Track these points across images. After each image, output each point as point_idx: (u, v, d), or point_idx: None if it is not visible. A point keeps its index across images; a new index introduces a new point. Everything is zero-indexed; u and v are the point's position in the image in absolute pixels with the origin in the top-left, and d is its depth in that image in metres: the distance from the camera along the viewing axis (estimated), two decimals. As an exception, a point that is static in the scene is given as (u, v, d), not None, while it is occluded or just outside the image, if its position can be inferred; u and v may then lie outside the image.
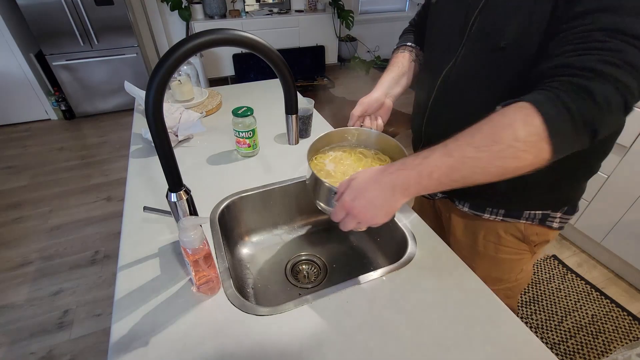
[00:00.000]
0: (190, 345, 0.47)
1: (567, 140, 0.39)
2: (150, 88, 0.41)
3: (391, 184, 0.44)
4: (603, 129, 0.38)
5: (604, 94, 0.37)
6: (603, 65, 0.37)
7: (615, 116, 0.38)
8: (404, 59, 0.75)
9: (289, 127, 0.55)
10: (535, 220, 0.64)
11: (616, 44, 0.37)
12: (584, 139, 0.39)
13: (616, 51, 0.37)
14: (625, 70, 0.36)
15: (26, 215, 1.83)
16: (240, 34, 0.42)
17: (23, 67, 2.50)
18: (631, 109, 0.39)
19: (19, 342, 1.24)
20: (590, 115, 0.37)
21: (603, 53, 0.37)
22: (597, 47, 0.38)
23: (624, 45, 0.36)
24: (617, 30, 0.37)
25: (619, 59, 0.37)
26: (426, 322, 0.50)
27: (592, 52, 0.38)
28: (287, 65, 0.45)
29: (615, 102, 0.37)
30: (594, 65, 0.37)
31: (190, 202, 0.54)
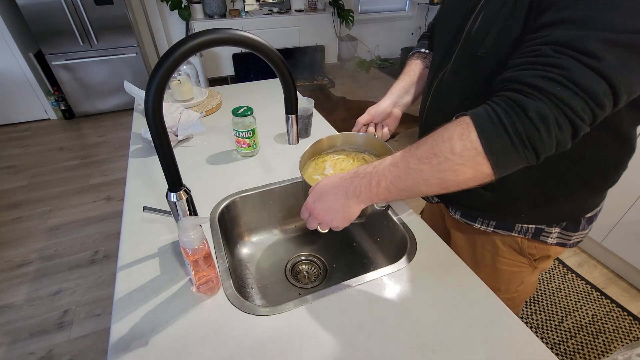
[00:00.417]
0: (190, 345, 0.47)
1: (506, 156, 0.38)
2: (149, 88, 0.41)
3: (345, 190, 0.48)
4: (542, 149, 0.37)
5: (538, 111, 0.35)
6: (542, 81, 0.36)
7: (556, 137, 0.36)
8: (416, 66, 0.74)
9: (289, 127, 0.55)
10: (529, 235, 0.61)
11: (562, 60, 0.35)
12: (528, 156, 0.37)
13: (560, 67, 0.35)
14: (566, 88, 0.35)
15: (26, 215, 1.83)
16: (240, 33, 0.42)
17: (22, 66, 2.50)
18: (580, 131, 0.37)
19: (19, 342, 1.24)
20: (524, 131, 0.36)
21: (546, 68, 0.36)
22: (542, 62, 0.36)
23: (571, 61, 0.34)
24: (567, 44, 0.35)
25: (561, 75, 0.35)
26: (426, 322, 0.50)
27: (536, 67, 0.36)
28: (286, 64, 0.46)
29: (551, 120, 0.35)
30: (533, 80, 0.36)
31: (189, 202, 0.54)
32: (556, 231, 0.60)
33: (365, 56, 3.94)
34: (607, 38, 0.34)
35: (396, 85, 0.74)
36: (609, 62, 0.34)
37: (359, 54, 3.83)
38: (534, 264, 0.66)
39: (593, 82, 0.34)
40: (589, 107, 0.35)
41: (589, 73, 0.34)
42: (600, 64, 0.34)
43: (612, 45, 0.34)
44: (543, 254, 0.64)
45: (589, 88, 0.34)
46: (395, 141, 2.40)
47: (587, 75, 0.34)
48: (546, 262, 0.66)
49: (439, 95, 0.60)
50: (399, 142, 2.40)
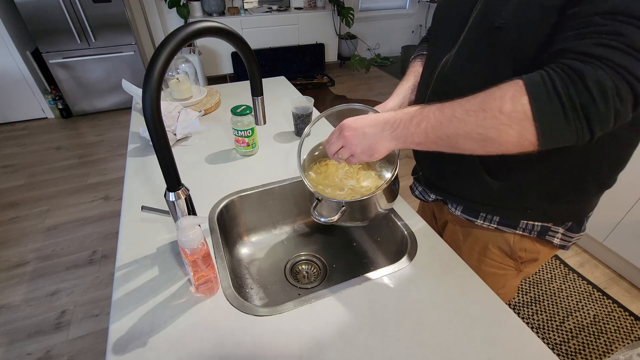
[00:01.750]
0: (189, 345, 0.46)
1: (556, 126, 0.36)
2: (146, 86, 0.40)
3: (384, 120, 0.47)
4: (597, 120, 0.35)
5: (596, 79, 0.34)
6: (600, 49, 0.35)
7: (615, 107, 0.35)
8: (420, 68, 0.72)
9: (256, 109, 0.60)
10: (534, 233, 0.59)
11: (616, 26, 0.34)
12: (579, 129, 0.36)
13: (615, 34, 0.34)
14: (627, 55, 0.34)
15: (23, 214, 1.82)
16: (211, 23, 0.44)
17: (19, 65, 2.48)
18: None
19: (16, 342, 1.23)
20: (580, 100, 0.35)
21: (601, 36, 0.35)
22: (595, 31, 0.35)
23: (625, 26, 0.34)
24: (617, 12, 0.34)
25: (618, 41, 0.34)
26: (427, 322, 0.49)
27: (591, 36, 0.36)
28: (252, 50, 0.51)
29: (610, 89, 0.34)
30: (590, 49, 0.35)
31: (188, 201, 0.54)
32: (561, 231, 0.58)
33: (365, 54, 3.93)
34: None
35: (402, 85, 0.72)
36: None
37: (359, 52, 3.82)
38: (519, 267, 0.65)
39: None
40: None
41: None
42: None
43: None
44: (531, 257, 0.63)
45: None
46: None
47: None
48: (532, 266, 0.65)
49: (444, 81, 0.57)
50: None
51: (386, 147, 0.48)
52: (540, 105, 0.36)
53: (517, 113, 0.37)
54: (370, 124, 0.48)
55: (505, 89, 0.38)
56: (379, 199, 0.57)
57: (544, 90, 0.36)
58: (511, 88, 0.38)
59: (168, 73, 1.10)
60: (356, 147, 0.49)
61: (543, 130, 0.37)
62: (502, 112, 0.38)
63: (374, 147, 0.48)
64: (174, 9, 2.91)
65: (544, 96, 0.36)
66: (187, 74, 1.14)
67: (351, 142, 0.50)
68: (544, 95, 0.36)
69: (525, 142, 0.38)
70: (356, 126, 0.49)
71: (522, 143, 0.38)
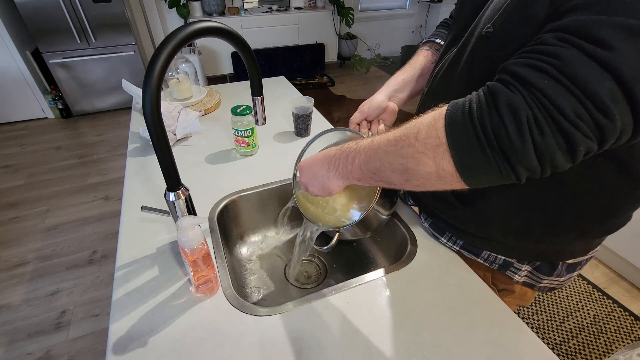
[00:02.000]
0: (189, 346, 0.46)
1: (472, 156, 0.31)
2: (146, 86, 0.40)
3: (328, 162, 0.46)
4: (512, 153, 0.29)
5: (509, 103, 0.29)
6: (527, 70, 0.29)
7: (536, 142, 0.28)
8: (425, 59, 0.66)
9: (256, 109, 0.60)
10: (495, 265, 0.55)
11: (560, 49, 0.28)
12: (499, 164, 0.30)
13: (552, 56, 0.28)
14: (554, 81, 0.28)
15: (23, 214, 1.81)
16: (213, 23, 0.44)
17: (19, 64, 2.48)
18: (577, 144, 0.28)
19: (16, 342, 1.23)
20: (491, 126, 0.29)
21: (538, 56, 0.29)
22: (536, 50, 0.30)
23: (566, 49, 0.28)
24: (575, 31, 0.28)
25: (552, 65, 0.28)
26: (427, 323, 0.49)
27: (529, 55, 0.30)
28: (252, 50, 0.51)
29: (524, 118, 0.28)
30: (518, 69, 0.30)
31: (188, 201, 0.54)
32: (526, 269, 0.54)
33: (365, 54, 3.93)
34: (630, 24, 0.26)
35: (395, 77, 0.68)
36: (624, 53, 0.26)
37: (359, 52, 3.82)
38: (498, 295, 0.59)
39: (593, 76, 0.27)
40: (587, 111, 0.27)
41: (590, 64, 0.27)
42: (609, 55, 0.26)
43: (633, 33, 0.26)
44: (506, 287, 0.58)
45: (585, 83, 0.27)
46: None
47: (586, 67, 0.27)
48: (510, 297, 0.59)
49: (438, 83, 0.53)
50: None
51: (337, 185, 0.46)
52: (454, 129, 0.32)
53: (432, 139, 0.33)
54: (318, 165, 0.47)
55: (427, 115, 0.35)
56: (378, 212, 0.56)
57: (461, 112, 0.32)
58: (433, 112, 0.35)
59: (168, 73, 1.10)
60: (313, 188, 0.49)
61: (461, 161, 0.32)
62: (417, 138, 0.34)
63: (327, 187, 0.47)
64: (174, 9, 2.91)
65: (459, 119, 0.32)
66: (187, 74, 1.14)
67: (307, 184, 0.50)
68: (460, 117, 0.32)
69: (446, 175, 0.33)
70: (306, 169, 0.50)
71: (442, 175, 0.34)
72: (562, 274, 0.54)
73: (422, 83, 0.67)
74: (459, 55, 0.47)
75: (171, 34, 0.41)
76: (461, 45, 0.48)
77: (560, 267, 0.53)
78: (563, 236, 0.48)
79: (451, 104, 0.34)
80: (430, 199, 0.59)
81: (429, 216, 0.62)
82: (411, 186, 0.38)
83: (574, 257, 0.52)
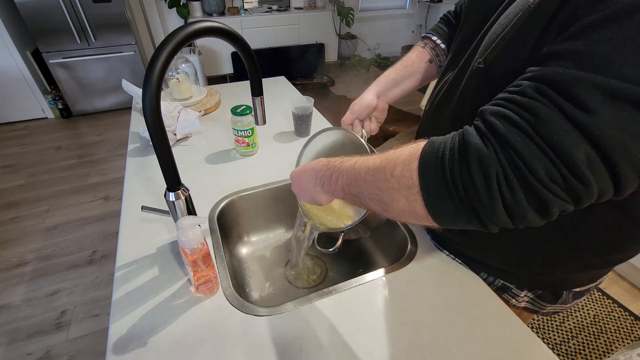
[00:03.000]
0: (189, 345, 0.46)
1: (442, 203, 0.30)
2: (146, 86, 0.40)
3: (315, 176, 0.45)
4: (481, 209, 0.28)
5: (479, 156, 0.28)
6: (501, 123, 0.28)
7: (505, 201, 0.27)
8: (417, 57, 0.65)
9: (256, 109, 0.60)
10: (493, 287, 0.54)
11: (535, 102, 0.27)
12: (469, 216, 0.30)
13: (528, 111, 0.27)
14: (528, 139, 0.26)
15: (23, 214, 1.81)
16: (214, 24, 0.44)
17: (19, 64, 2.48)
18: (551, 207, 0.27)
19: (16, 342, 1.23)
20: (460, 177, 0.29)
21: (515, 108, 0.28)
22: (513, 100, 0.29)
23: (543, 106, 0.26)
24: (554, 84, 0.27)
25: (527, 122, 0.27)
26: (427, 323, 0.49)
27: (506, 105, 0.29)
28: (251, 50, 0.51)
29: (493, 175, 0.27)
30: (493, 118, 0.29)
31: (188, 201, 0.54)
32: (528, 295, 0.53)
33: (365, 54, 3.93)
34: (611, 87, 0.24)
35: (385, 75, 0.67)
36: (604, 118, 0.25)
37: (359, 52, 3.82)
38: None
39: (570, 140, 0.25)
40: (561, 175, 0.26)
41: (567, 127, 0.25)
42: (588, 119, 0.25)
43: (614, 97, 0.24)
44: None
45: (561, 147, 0.25)
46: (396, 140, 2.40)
47: (562, 129, 0.25)
48: None
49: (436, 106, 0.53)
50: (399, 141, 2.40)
51: (325, 199, 0.45)
52: (426, 173, 0.31)
53: (405, 178, 0.32)
54: (306, 178, 0.47)
55: (405, 149, 0.34)
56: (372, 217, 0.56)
57: (434, 157, 0.31)
58: (409, 149, 0.34)
59: (168, 73, 1.10)
60: (304, 199, 0.49)
61: (431, 205, 0.31)
62: (392, 175, 0.33)
63: (316, 200, 0.46)
64: (174, 9, 2.91)
65: (432, 164, 0.31)
66: (187, 74, 1.14)
67: (299, 195, 0.50)
68: (432, 162, 0.31)
69: (419, 215, 0.33)
70: (296, 180, 0.49)
71: (415, 215, 0.33)
72: (568, 302, 0.52)
73: (412, 81, 0.67)
74: (455, 83, 0.47)
75: (171, 34, 0.41)
76: (458, 71, 0.47)
77: (565, 295, 0.51)
78: (564, 267, 0.47)
79: (428, 143, 0.33)
80: None
81: (429, 232, 0.63)
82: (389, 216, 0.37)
83: (579, 286, 0.50)
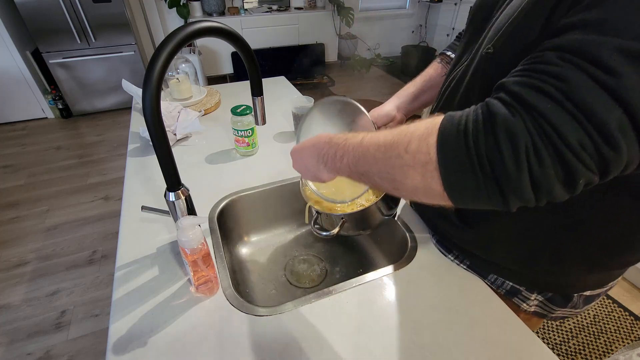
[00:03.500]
0: (189, 346, 0.46)
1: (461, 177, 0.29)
2: (146, 86, 0.40)
3: (317, 154, 0.43)
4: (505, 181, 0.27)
5: (508, 126, 0.27)
6: (530, 92, 0.27)
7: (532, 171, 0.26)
8: (434, 71, 0.67)
9: (256, 109, 0.61)
10: (502, 290, 0.53)
11: (564, 69, 0.26)
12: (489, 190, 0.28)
13: (558, 78, 0.26)
14: (558, 106, 0.26)
15: (23, 214, 1.81)
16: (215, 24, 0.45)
17: (19, 65, 2.48)
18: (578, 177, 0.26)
19: (16, 342, 1.23)
20: (486, 148, 0.27)
21: (541, 77, 0.27)
22: (539, 70, 0.28)
23: (574, 71, 0.26)
24: (576, 51, 0.26)
25: (557, 88, 0.26)
26: (427, 323, 0.49)
27: (531, 74, 0.28)
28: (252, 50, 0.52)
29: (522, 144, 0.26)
30: (520, 89, 0.28)
31: (188, 201, 0.54)
32: (537, 298, 0.51)
33: (365, 54, 3.93)
34: (632, 48, 0.24)
35: (405, 89, 0.69)
36: (631, 80, 0.24)
37: (359, 52, 3.82)
38: None
39: (602, 104, 0.25)
40: (592, 142, 0.25)
41: (597, 91, 0.25)
42: (616, 82, 0.24)
43: (635, 58, 0.24)
44: None
45: (593, 112, 0.25)
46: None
47: (593, 94, 0.25)
48: None
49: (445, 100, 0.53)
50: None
51: (328, 176, 0.44)
52: (446, 148, 0.29)
53: (422, 154, 0.31)
54: (308, 156, 0.45)
55: (419, 125, 0.33)
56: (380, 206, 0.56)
57: (455, 130, 0.29)
58: (425, 124, 0.32)
59: (168, 73, 1.10)
60: (306, 176, 0.48)
61: (449, 182, 0.30)
62: (407, 150, 0.32)
63: (318, 177, 0.45)
64: (174, 9, 2.91)
65: (452, 138, 0.29)
66: (187, 74, 1.14)
67: (300, 171, 0.49)
68: (453, 136, 0.29)
69: (434, 193, 0.31)
70: (297, 158, 0.48)
71: (430, 193, 0.32)
72: (579, 306, 0.51)
73: (430, 95, 0.68)
74: (464, 74, 0.47)
75: (171, 34, 0.41)
76: (467, 63, 0.47)
77: (576, 299, 0.49)
78: (571, 268, 0.45)
79: (447, 116, 0.31)
80: (435, 216, 0.58)
81: (435, 233, 0.62)
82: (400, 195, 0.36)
83: (590, 289, 0.49)
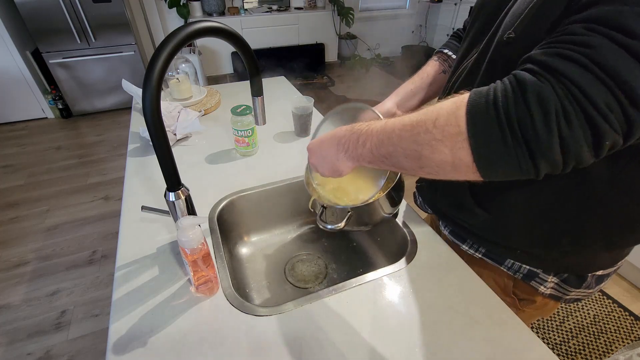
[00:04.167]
0: (189, 346, 0.46)
1: (492, 147, 0.30)
2: (146, 86, 0.40)
3: (337, 142, 0.43)
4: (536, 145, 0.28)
5: (538, 92, 0.28)
6: (556, 60, 0.28)
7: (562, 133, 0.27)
8: (431, 69, 0.68)
9: (256, 109, 0.61)
10: (519, 275, 0.54)
11: (588, 37, 0.27)
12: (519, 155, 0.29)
13: (583, 45, 0.27)
14: (586, 71, 0.27)
15: (23, 214, 1.81)
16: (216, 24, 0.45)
17: (19, 65, 2.48)
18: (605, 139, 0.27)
19: (16, 342, 1.23)
20: (517, 115, 0.28)
21: (566, 46, 0.28)
22: (564, 40, 0.29)
23: (598, 38, 0.27)
24: (602, 21, 0.27)
25: (584, 55, 0.27)
26: (427, 322, 0.49)
27: (557, 45, 0.29)
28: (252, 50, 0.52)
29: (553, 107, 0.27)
30: (547, 59, 0.29)
31: (188, 201, 0.54)
32: (553, 280, 0.52)
33: (365, 54, 3.93)
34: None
35: (404, 86, 0.69)
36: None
37: (359, 52, 3.82)
38: (517, 305, 0.58)
39: (626, 66, 0.26)
40: (618, 102, 0.26)
41: (621, 54, 0.26)
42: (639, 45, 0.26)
43: None
44: (527, 297, 0.56)
45: (618, 73, 0.26)
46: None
47: (618, 57, 0.26)
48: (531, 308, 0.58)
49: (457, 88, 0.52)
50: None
51: (347, 166, 0.44)
52: (476, 118, 0.30)
53: (451, 126, 0.31)
54: (327, 146, 0.45)
55: (447, 101, 0.33)
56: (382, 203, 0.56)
57: (484, 100, 0.30)
58: (454, 99, 0.33)
59: (168, 73, 1.10)
60: (322, 169, 0.48)
61: (479, 152, 0.30)
62: (435, 125, 0.32)
63: (336, 168, 0.45)
64: (174, 9, 2.91)
65: (482, 108, 0.30)
66: (187, 74, 1.14)
67: (316, 165, 0.48)
68: (483, 106, 0.30)
69: (462, 165, 0.32)
70: (315, 150, 0.48)
71: (458, 165, 0.32)
72: (592, 286, 0.52)
73: (429, 92, 0.68)
74: (477, 62, 0.46)
75: (171, 34, 0.41)
76: (480, 52, 0.46)
77: (589, 279, 0.51)
78: (590, 247, 0.46)
79: (473, 91, 0.32)
80: (449, 208, 0.58)
81: (448, 224, 0.61)
82: (423, 173, 0.36)
83: (602, 268, 0.50)
